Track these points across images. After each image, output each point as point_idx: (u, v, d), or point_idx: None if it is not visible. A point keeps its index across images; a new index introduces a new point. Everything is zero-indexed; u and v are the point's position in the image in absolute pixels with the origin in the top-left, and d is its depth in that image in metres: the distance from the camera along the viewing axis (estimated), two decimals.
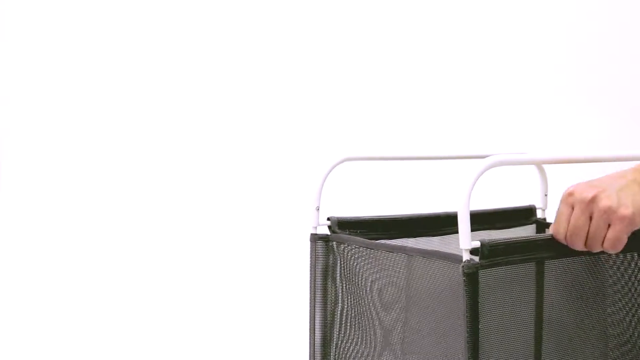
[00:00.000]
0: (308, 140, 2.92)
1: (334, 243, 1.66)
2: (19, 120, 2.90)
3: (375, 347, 1.59)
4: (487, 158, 1.32)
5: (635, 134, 2.95)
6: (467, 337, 1.29)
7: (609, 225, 1.33)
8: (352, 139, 2.92)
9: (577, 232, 1.34)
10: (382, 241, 1.65)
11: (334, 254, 1.66)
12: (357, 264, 1.61)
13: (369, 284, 1.58)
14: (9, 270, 2.90)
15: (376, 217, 1.74)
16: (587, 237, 1.34)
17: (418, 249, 1.48)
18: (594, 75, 2.99)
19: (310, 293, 1.69)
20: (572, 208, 1.36)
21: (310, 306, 1.70)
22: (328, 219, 1.70)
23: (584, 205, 1.35)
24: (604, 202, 1.34)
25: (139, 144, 2.92)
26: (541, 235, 1.68)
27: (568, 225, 1.35)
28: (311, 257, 1.68)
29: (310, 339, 1.70)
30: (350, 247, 1.62)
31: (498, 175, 1.90)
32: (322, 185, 1.67)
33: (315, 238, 1.67)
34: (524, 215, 1.94)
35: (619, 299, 1.50)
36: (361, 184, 2.85)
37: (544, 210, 1.97)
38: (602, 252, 1.38)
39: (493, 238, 1.34)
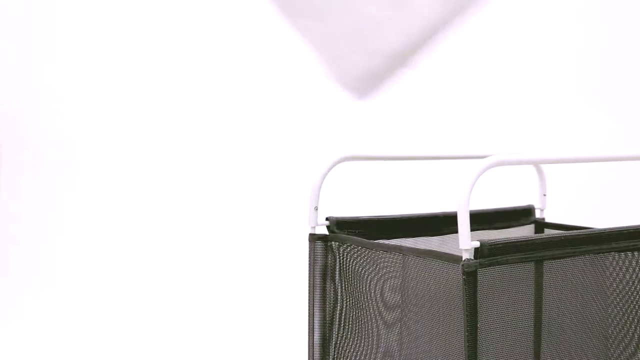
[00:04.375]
0: (306, 139, 2.92)
1: (333, 243, 1.66)
2: (19, 121, 2.90)
3: (374, 347, 1.59)
4: (487, 158, 1.32)
5: (634, 134, 2.96)
6: (466, 336, 1.29)
7: None
8: (350, 138, 2.92)
9: None
10: (381, 241, 1.66)
11: (332, 254, 1.66)
12: (356, 264, 1.61)
13: (368, 284, 1.58)
14: (9, 270, 2.90)
15: (375, 217, 1.75)
16: None
17: (417, 249, 1.48)
18: (594, 76, 2.99)
19: (309, 293, 1.69)
20: None
21: (309, 306, 1.69)
22: (327, 218, 1.70)
23: None
24: None
25: (139, 145, 2.92)
26: (540, 235, 1.68)
27: None
28: (310, 257, 1.68)
29: (309, 339, 1.70)
30: (349, 247, 1.63)
31: (497, 176, 1.90)
32: (321, 185, 1.67)
33: (314, 238, 1.67)
34: (523, 215, 1.95)
35: (618, 299, 1.50)
36: (360, 184, 2.85)
37: (542, 210, 1.97)
38: (602, 252, 1.38)
39: (492, 238, 1.35)
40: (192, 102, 2.94)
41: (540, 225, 1.96)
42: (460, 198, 1.29)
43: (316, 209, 1.68)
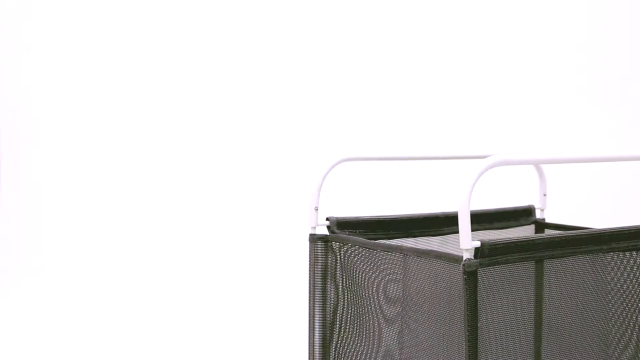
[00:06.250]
0: (306, 140, 2.92)
1: (334, 243, 1.65)
2: (19, 121, 2.90)
3: (374, 347, 1.59)
4: (488, 158, 1.32)
5: (634, 134, 2.96)
6: (467, 335, 1.29)
7: None
8: (351, 139, 2.92)
9: None
10: (382, 241, 1.66)
11: (333, 254, 1.66)
12: (357, 264, 1.61)
13: (370, 284, 1.58)
14: (9, 269, 2.90)
15: (376, 217, 1.75)
16: None
17: (417, 249, 1.48)
18: (594, 76, 2.99)
19: (309, 293, 1.69)
20: None
21: (309, 307, 1.69)
22: (327, 219, 1.69)
23: None
24: None
25: (140, 145, 2.92)
26: (540, 235, 1.68)
27: None
28: (310, 258, 1.68)
29: (309, 339, 1.69)
30: (350, 247, 1.62)
31: (497, 176, 1.90)
32: (321, 185, 1.67)
33: (314, 238, 1.67)
34: (523, 215, 1.95)
35: (617, 298, 1.50)
36: (360, 184, 2.85)
37: (542, 210, 1.98)
38: (602, 252, 1.39)
39: (492, 238, 1.35)
40: (193, 104, 2.94)
41: (541, 225, 1.96)
42: (461, 198, 1.29)
43: (316, 209, 1.67)
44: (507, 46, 2.98)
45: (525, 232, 1.94)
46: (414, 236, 1.78)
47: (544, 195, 1.97)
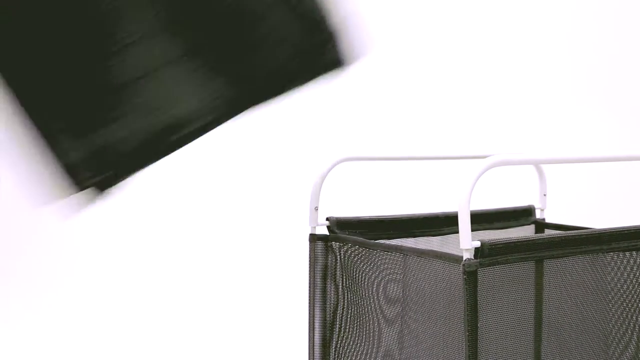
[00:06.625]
0: (306, 140, 2.92)
1: (334, 243, 1.65)
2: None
3: (374, 348, 1.59)
4: (487, 158, 1.32)
5: (634, 134, 2.96)
6: (467, 335, 1.29)
7: None
8: (351, 138, 2.92)
9: None
10: (382, 241, 1.66)
11: (333, 254, 1.66)
12: (357, 264, 1.61)
13: (370, 284, 1.58)
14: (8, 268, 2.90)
15: (376, 217, 1.75)
16: None
17: (417, 249, 1.49)
18: (593, 76, 2.99)
19: (309, 294, 1.69)
20: None
21: (309, 307, 1.69)
22: (327, 219, 1.69)
23: None
24: None
25: None
26: (540, 235, 1.69)
27: None
28: (310, 258, 1.68)
29: (309, 339, 1.70)
30: (350, 247, 1.62)
31: (497, 176, 1.90)
32: (321, 185, 1.67)
33: (314, 238, 1.67)
34: (523, 215, 1.95)
35: (617, 299, 1.50)
36: (360, 184, 2.85)
37: (542, 210, 1.98)
38: (602, 252, 1.39)
39: (492, 238, 1.35)
40: None
41: (541, 225, 1.96)
42: (461, 198, 1.29)
43: (316, 209, 1.68)
44: (507, 46, 2.98)
45: (525, 232, 1.94)
46: (414, 236, 1.78)
47: (544, 195, 1.97)
